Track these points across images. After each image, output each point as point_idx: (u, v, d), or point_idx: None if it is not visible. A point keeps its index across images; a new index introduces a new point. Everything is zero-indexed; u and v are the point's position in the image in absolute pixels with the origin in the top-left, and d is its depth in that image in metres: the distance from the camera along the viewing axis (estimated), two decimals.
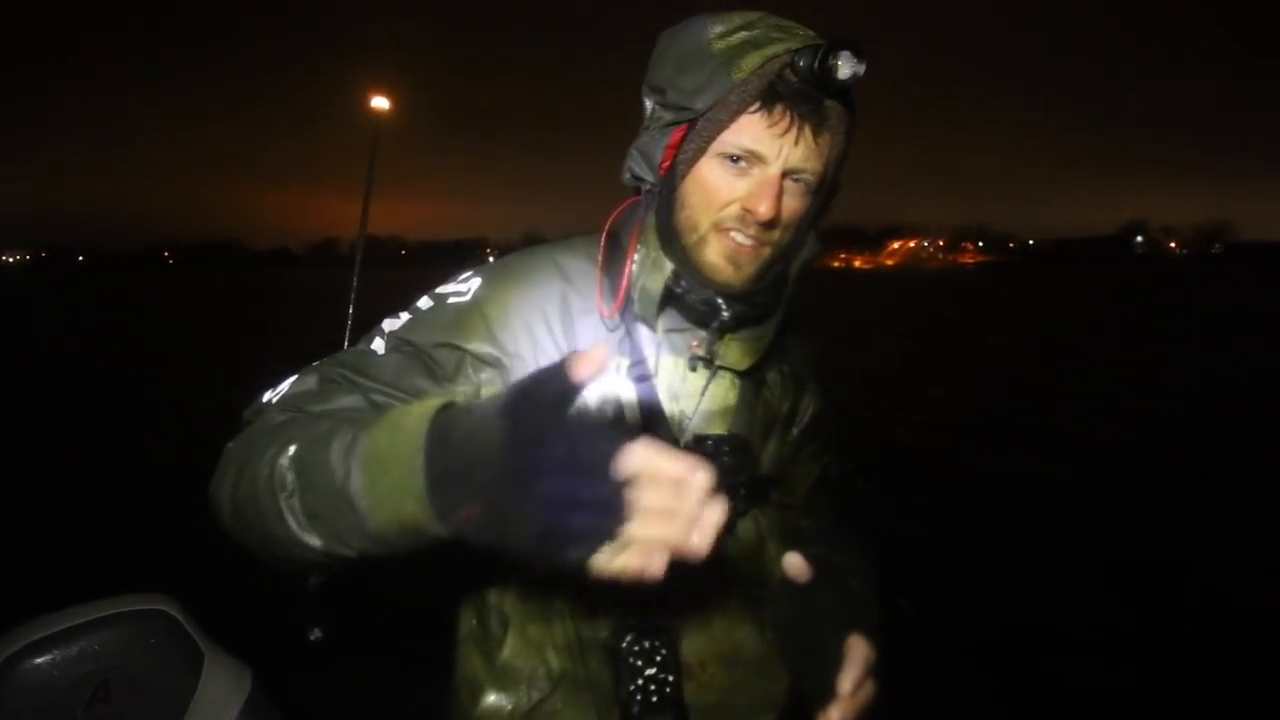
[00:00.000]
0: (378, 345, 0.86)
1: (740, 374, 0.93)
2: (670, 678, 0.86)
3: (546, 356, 0.85)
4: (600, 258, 0.91)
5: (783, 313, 0.92)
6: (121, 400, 8.54)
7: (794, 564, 0.82)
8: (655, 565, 0.52)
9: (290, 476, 0.65)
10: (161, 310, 26.60)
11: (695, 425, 0.90)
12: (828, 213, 0.92)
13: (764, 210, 0.80)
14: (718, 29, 0.81)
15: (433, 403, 0.60)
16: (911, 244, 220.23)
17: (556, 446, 0.52)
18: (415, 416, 0.59)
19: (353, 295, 2.12)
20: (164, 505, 4.64)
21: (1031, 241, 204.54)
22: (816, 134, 0.81)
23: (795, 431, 1.00)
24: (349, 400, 0.81)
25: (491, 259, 0.97)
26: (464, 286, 0.89)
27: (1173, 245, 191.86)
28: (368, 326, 0.92)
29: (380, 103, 1.99)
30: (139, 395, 8.92)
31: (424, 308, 0.89)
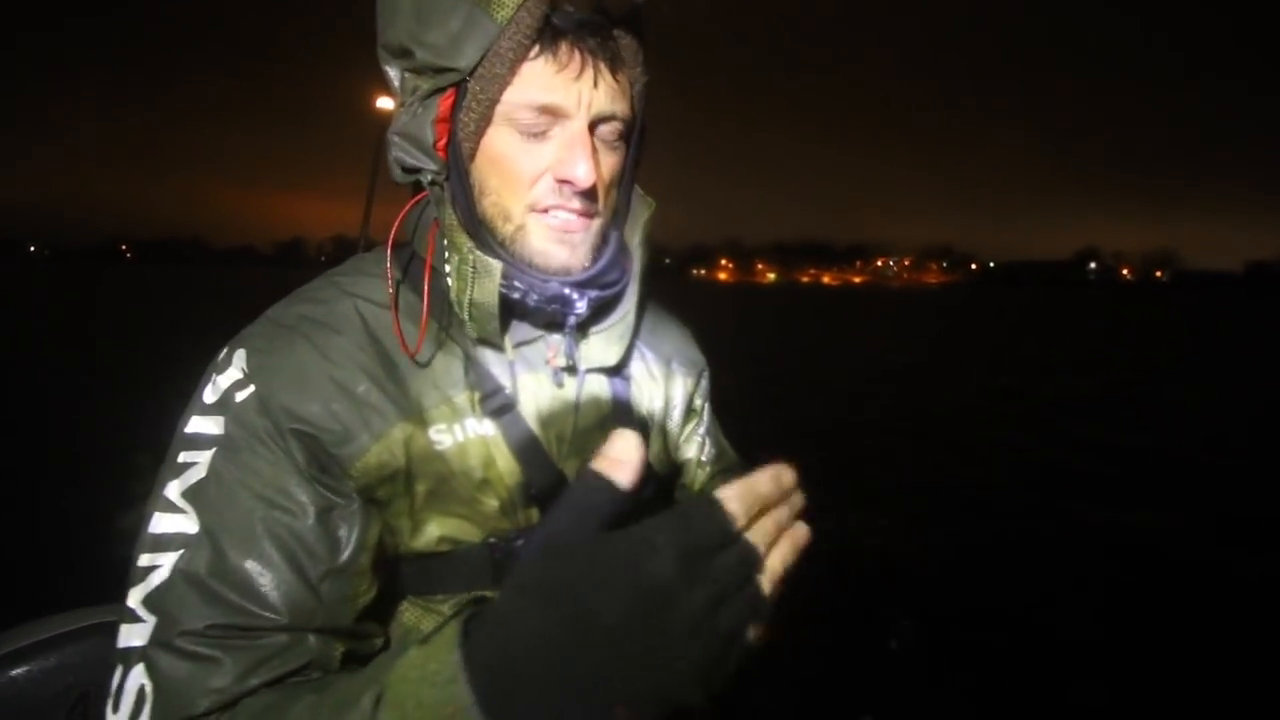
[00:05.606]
0: (208, 547, 0.65)
1: (609, 373, 0.79)
2: None
3: (381, 416, 0.67)
4: (389, 283, 0.71)
5: (640, 289, 0.78)
6: (89, 400, 8.27)
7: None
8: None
9: None
10: (128, 304, 25.82)
11: (576, 449, 0.75)
12: (640, 163, 0.78)
13: (582, 175, 0.66)
14: None
15: (442, 644, 0.44)
16: (879, 263, 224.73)
17: (662, 562, 0.41)
18: (435, 676, 0.43)
19: None
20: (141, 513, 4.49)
21: (993, 263, 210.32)
22: (614, 70, 0.67)
23: (673, 421, 0.88)
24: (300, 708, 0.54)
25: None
26: (228, 380, 0.68)
27: (1125, 272, 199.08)
28: None
29: (385, 104, 1.98)
30: (109, 394, 8.65)
31: (211, 433, 0.69)
